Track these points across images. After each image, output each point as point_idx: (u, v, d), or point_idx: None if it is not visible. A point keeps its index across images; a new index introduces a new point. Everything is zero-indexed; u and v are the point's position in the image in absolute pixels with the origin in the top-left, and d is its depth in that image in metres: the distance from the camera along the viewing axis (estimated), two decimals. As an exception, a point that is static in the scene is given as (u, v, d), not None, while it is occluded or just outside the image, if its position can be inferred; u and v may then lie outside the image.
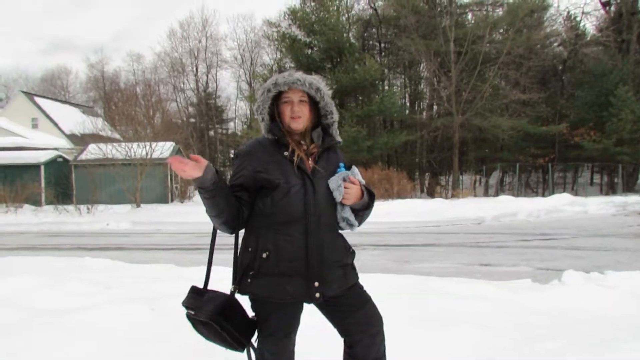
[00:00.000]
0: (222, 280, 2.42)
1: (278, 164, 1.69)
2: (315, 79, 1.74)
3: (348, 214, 1.74)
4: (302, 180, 1.68)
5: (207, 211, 1.64)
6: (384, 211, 12.60)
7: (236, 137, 34.23)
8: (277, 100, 1.75)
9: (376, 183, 17.50)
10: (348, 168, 1.79)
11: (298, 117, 1.72)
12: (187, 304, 1.71)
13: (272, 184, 1.66)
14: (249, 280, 1.66)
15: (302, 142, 1.77)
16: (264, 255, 1.64)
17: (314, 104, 1.77)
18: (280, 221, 1.65)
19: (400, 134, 21.55)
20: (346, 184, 1.73)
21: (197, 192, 1.64)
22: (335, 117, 1.80)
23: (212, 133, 38.99)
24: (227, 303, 1.68)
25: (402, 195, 18.00)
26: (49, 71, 49.93)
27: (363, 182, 1.80)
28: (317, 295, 1.66)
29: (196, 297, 1.71)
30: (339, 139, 1.83)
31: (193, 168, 1.53)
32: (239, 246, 1.73)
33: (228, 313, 1.67)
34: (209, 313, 1.65)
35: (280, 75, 1.71)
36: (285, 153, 1.71)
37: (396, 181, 18.15)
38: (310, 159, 1.75)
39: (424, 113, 27.01)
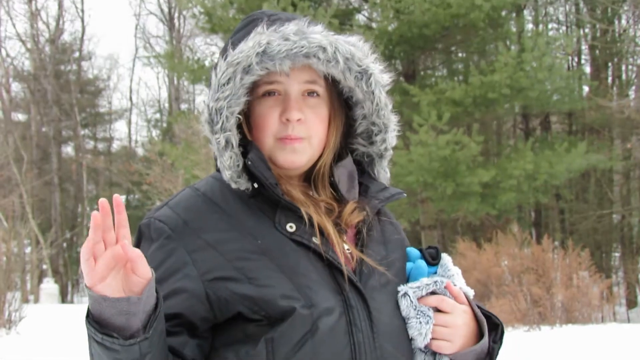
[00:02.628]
0: None
1: (276, 256, 1.84)
2: (358, 45, 1.95)
3: None
4: (341, 297, 1.84)
5: None
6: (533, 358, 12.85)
7: (134, 160, 35.52)
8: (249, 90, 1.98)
9: (507, 282, 17.87)
10: (433, 259, 2.02)
11: (298, 140, 1.92)
12: None
13: (270, 309, 1.80)
14: None
15: (312, 195, 2.04)
16: None
17: (335, 102, 2.04)
18: None
19: (572, 150, 21.17)
20: (440, 304, 1.92)
21: (91, 336, 1.63)
22: (392, 139, 2.06)
23: (69, 150, 41.32)
24: None
25: (580, 314, 17.49)
26: None
27: (470, 293, 2.03)
28: None
29: None
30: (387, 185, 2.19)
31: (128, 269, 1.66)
32: None
33: None
34: None
35: (273, 30, 1.87)
36: (290, 227, 1.87)
37: (563, 276, 17.82)
38: (345, 237, 1.96)
39: (633, 91, 27.01)
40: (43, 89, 37.75)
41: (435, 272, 1.99)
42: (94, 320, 1.62)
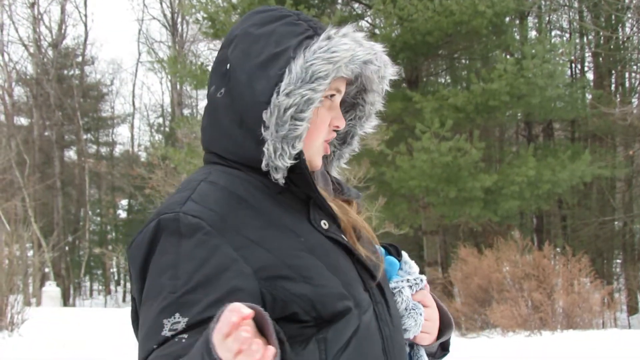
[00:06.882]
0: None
1: (320, 254, 1.83)
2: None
3: None
4: (368, 293, 1.89)
5: None
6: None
7: (137, 164, 34.84)
8: None
9: (508, 288, 17.80)
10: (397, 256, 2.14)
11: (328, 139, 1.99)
12: None
13: (324, 310, 1.78)
14: None
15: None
16: None
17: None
18: None
19: (576, 159, 21.09)
20: (424, 299, 2.04)
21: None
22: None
23: (72, 154, 41.69)
24: None
25: (581, 320, 17.48)
26: None
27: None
28: None
29: None
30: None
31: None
32: None
33: None
34: None
35: (342, 35, 1.84)
36: (324, 224, 1.88)
37: (564, 282, 17.90)
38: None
39: (636, 99, 27.85)
40: (45, 94, 37.35)
41: (401, 269, 2.06)
42: None
